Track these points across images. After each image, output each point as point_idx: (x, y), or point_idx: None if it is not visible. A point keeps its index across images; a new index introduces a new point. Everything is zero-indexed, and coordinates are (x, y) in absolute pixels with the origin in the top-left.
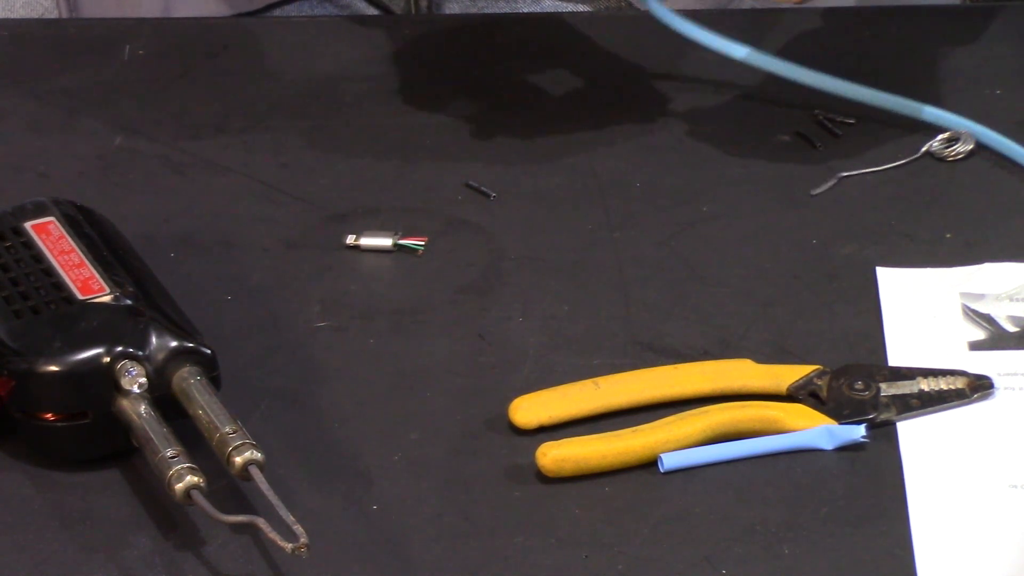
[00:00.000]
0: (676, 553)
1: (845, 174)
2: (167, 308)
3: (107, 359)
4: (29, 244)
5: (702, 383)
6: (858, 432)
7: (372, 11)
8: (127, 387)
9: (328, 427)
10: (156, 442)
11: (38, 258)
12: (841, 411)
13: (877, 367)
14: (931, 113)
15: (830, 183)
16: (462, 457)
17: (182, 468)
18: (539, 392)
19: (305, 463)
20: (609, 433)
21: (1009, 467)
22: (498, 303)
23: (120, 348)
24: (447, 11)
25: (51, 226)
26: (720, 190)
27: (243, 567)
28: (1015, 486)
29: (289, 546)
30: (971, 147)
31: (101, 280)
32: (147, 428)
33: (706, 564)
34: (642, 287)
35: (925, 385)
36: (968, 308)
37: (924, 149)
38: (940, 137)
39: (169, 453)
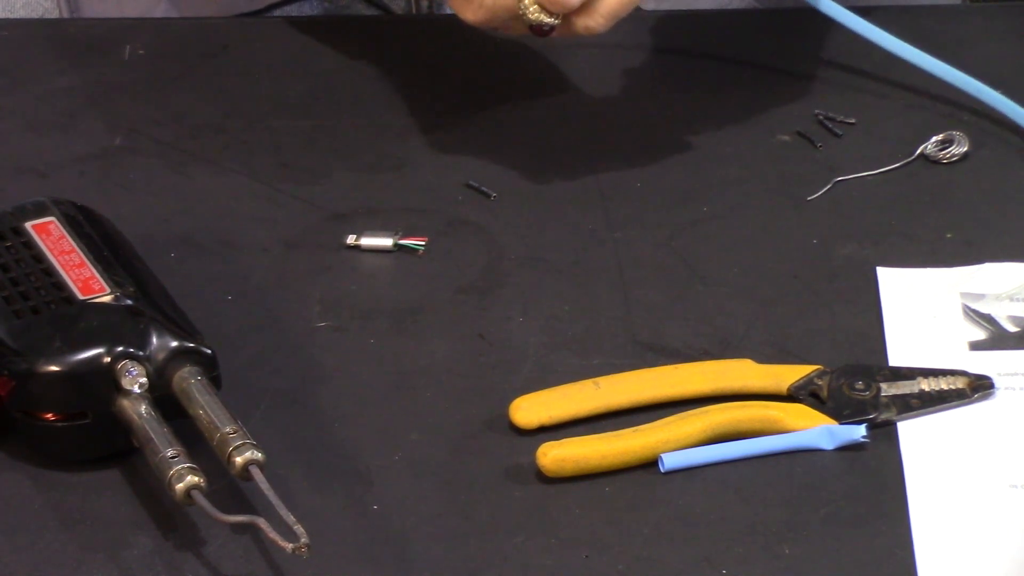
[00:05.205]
0: (676, 553)
1: (841, 178)
2: (167, 308)
3: (107, 359)
4: (29, 244)
5: (702, 383)
6: (858, 432)
7: (372, 11)
8: (127, 387)
9: (328, 427)
10: (156, 442)
11: (38, 258)
12: (841, 411)
13: (877, 367)
14: None
15: (826, 187)
16: (462, 457)
17: (182, 468)
18: (539, 392)
19: (305, 463)
20: (609, 433)
21: (1009, 467)
22: (498, 303)
23: (120, 348)
24: (447, 11)
25: (51, 226)
26: (720, 190)
27: (243, 567)
28: (1015, 486)
29: (289, 546)
30: (965, 149)
31: (101, 280)
32: (147, 428)
33: (706, 564)
34: (642, 287)
35: (925, 385)
36: (968, 308)
37: (919, 151)
38: (934, 139)
39: (169, 453)
